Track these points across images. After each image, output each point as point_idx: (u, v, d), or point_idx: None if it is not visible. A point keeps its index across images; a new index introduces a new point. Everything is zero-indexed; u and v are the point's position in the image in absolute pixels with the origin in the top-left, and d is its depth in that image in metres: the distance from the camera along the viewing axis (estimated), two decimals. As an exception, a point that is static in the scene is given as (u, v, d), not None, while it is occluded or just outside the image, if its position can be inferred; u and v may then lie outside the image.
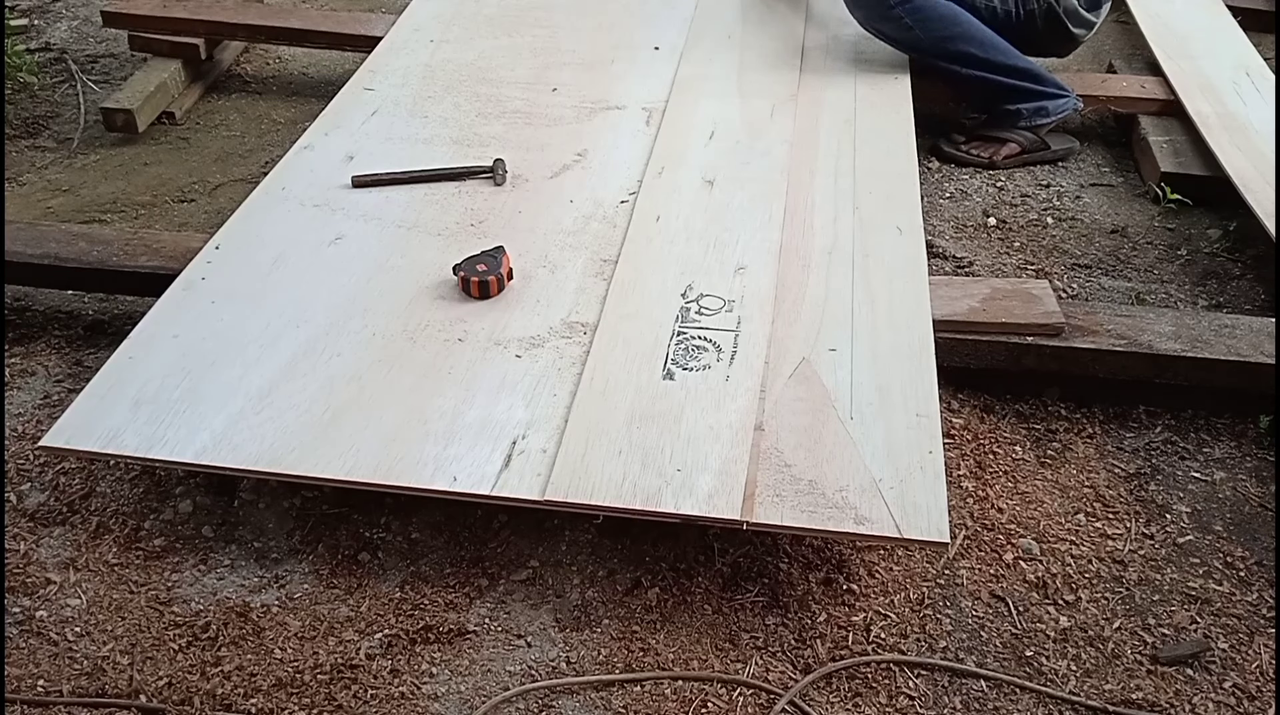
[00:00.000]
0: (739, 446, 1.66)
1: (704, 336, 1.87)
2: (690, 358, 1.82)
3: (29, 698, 1.54)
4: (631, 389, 1.76)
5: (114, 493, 1.85)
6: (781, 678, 1.59)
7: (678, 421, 1.71)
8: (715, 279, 2.01)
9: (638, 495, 1.59)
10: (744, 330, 1.88)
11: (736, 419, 1.71)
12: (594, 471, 1.63)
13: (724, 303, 1.94)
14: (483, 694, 1.56)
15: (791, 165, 2.36)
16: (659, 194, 2.25)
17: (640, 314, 1.92)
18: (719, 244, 2.10)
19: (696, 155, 2.38)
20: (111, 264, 2.16)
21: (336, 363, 1.83)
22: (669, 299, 1.95)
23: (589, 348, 1.85)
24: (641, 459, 1.64)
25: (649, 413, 1.72)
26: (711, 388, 1.77)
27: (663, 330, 1.88)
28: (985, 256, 2.51)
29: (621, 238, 2.12)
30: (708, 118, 2.53)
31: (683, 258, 2.06)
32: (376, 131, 2.46)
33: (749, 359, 1.82)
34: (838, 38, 2.89)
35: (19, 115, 3.06)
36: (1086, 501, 1.90)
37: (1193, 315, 2.14)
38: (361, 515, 1.80)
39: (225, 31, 3.16)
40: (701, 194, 2.25)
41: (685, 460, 1.64)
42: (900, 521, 1.57)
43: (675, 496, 1.59)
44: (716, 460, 1.64)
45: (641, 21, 2.99)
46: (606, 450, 1.66)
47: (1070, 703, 1.58)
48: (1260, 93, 2.87)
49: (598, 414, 1.72)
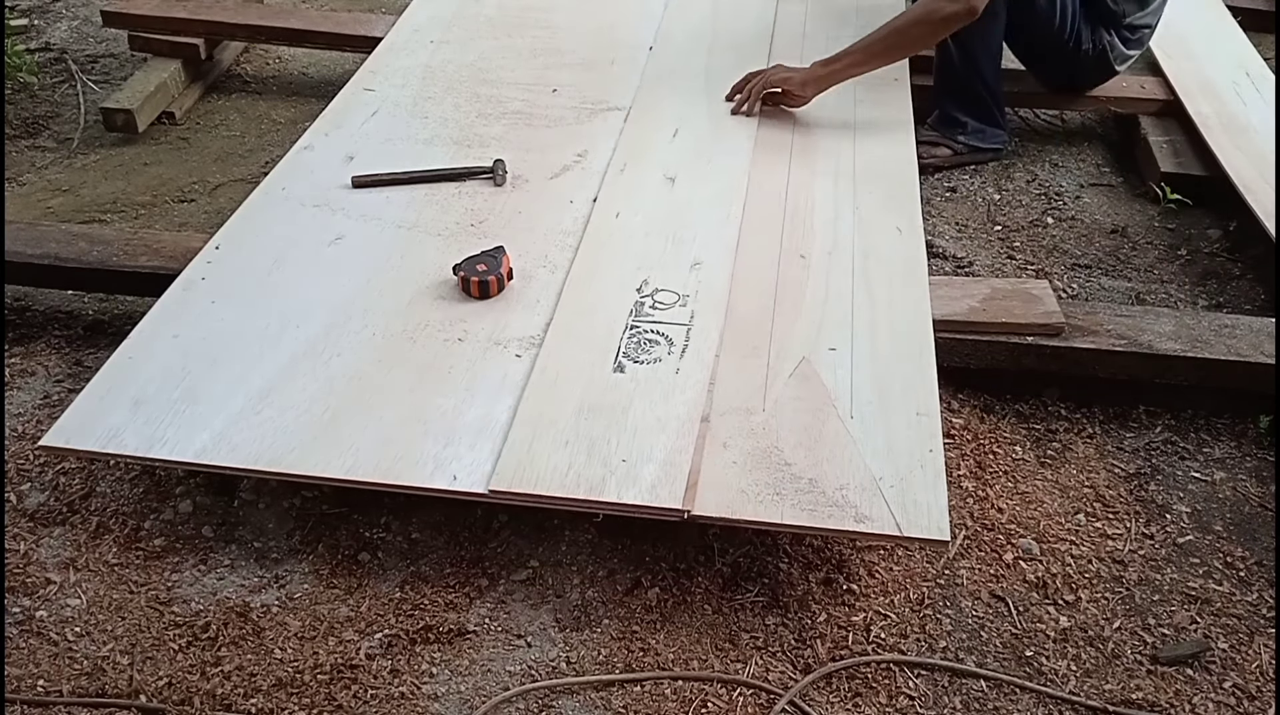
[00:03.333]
0: (684, 437, 1.68)
1: (657, 330, 1.88)
2: (641, 351, 1.84)
3: (29, 698, 1.54)
4: (582, 381, 1.78)
5: (114, 493, 1.85)
6: (781, 678, 1.59)
7: (626, 413, 1.72)
8: (671, 274, 2.02)
9: (581, 485, 1.61)
10: (696, 324, 1.90)
11: (684, 411, 1.72)
12: (539, 462, 1.64)
13: (678, 297, 1.96)
14: (483, 694, 1.56)
15: (791, 165, 2.36)
16: (620, 191, 2.26)
17: (595, 308, 1.93)
18: (677, 240, 2.12)
19: (660, 153, 2.39)
20: (111, 264, 2.16)
21: (336, 363, 1.83)
22: (624, 293, 1.97)
23: (542, 342, 1.86)
24: (588, 449, 1.66)
25: (598, 404, 1.73)
26: (661, 380, 1.78)
27: (616, 324, 1.90)
28: (985, 256, 2.51)
29: (580, 234, 2.13)
30: (673, 115, 2.54)
31: (640, 253, 2.08)
32: (376, 132, 2.46)
33: (700, 352, 1.84)
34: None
35: (19, 115, 3.06)
36: (1086, 501, 1.90)
37: (1193, 315, 2.14)
38: (361, 515, 1.80)
39: (225, 31, 3.16)
40: (662, 191, 2.27)
41: (631, 451, 1.65)
42: (900, 520, 1.57)
43: (619, 486, 1.60)
44: (662, 451, 1.65)
45: (641, 20, 2.99)
46: (553, 441, 1.67)
47: (1070, 703, 1.58)
48: (1260, 93, 2.87)
49: (546, 405, 1.73)
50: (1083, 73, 2.84)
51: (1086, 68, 2.82)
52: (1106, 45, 2.76)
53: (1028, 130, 3.04)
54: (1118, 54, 2.79)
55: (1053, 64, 2.85)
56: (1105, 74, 2.86)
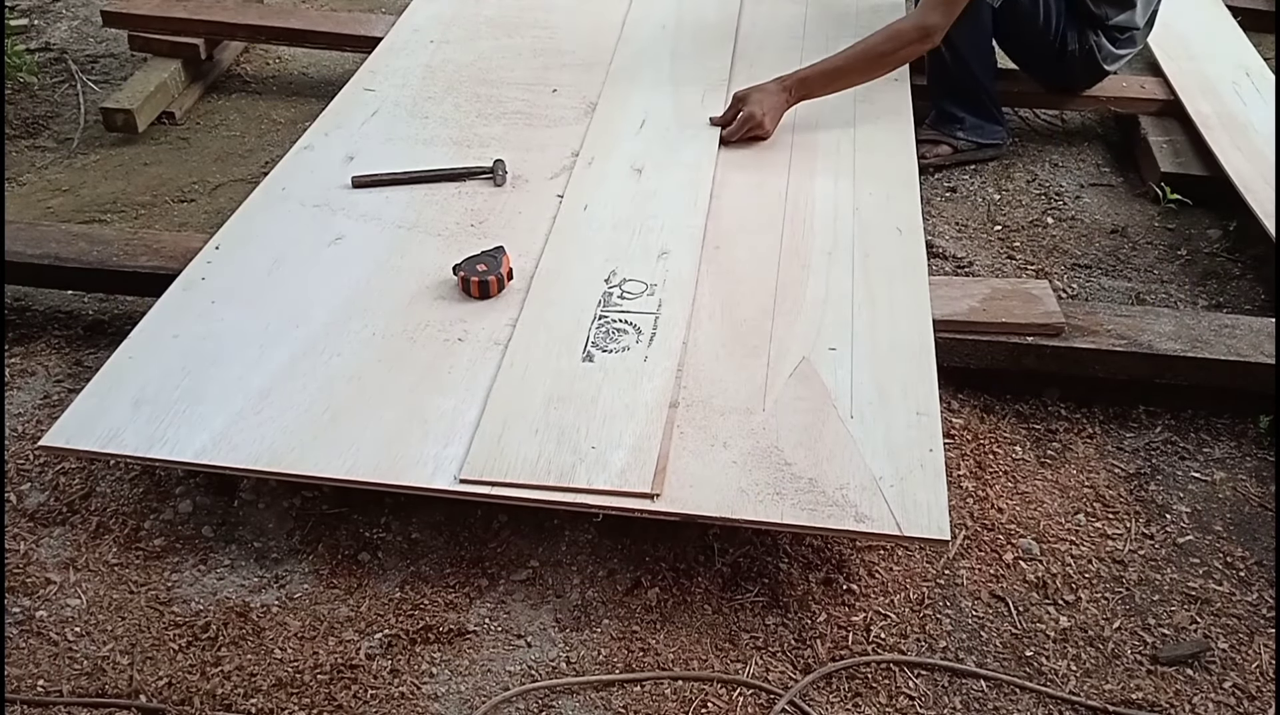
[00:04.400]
0: (653, 423, 1.69)
1: (625, 319, 1.89)
2: (610, 340, 1.85)
3: (29, 698, 1.54)
4: (551, 372, 1.79)
5: (114, 493, 1.85)
6: (781, 678, 1.59)
7: (595, 401, 1.73)
8: (638, 264, 2.03)
9: (551, 473, 1.62)
10: (664, 313, 1.91)
11: (652, 397, 1.73)
12: (509, 452, 1.64)
13: (646, 287, 1.98)
14: (483, 694, 1.56)
15: (791, 165, 2.36)
16: (587, 184, 2.27)
17: (563, 300, 1.95)
18: (644, 230, 2.13)
19: (627, 144, 2.40)
20: (111, 264, 2.16)
21: (336, 362, 1.83)
22: (593, 285, 1.98)
23: (511, 335, 1.87)
24: (557, 437, 1.67)
25: (567, 394, 1.75)
26: (629, 368, 1.79)
27: (585, 314, 1.91)
28: (985, 256, 2.51)
29: (548, 228, 2.14)
30: (640, 107, 2.55)
31: (608, 244, 2.09)
32: (377, 132, 2.46)
33: (667, 340, 1.85)
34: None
35: (19, 115, 3.06)
36: (1086, 501, 1.90)
37: (1193, 315, 2.14)
38: (361, 515, 1.80)
39: (225, 31, 3.16)
40: (629, 182, 2.28)
41: (600, 438, 1.66)
42: (901, 519, 1.57)
43: (589, 472, 1.61)
44: (631, 437, 1.67)
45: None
46: (523, 430, 1.68)
47: (1070, 703, 1.58)
48: (1260, 93, 2.87)
49: (515, 396, 1.74)
50: (1072, 73, 2.84)
51: (1075, 68, 2.81)
52: (1094, 46, 2.76)
53: (1027, 130, 3.04)
54: (1106, 54, 2.78)
55: (1043, 65, 2.85)
56: (1095, 74, 2.85)
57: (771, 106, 2.42)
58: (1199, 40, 3.12)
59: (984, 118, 2.83)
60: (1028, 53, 2.85)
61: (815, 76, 2.46)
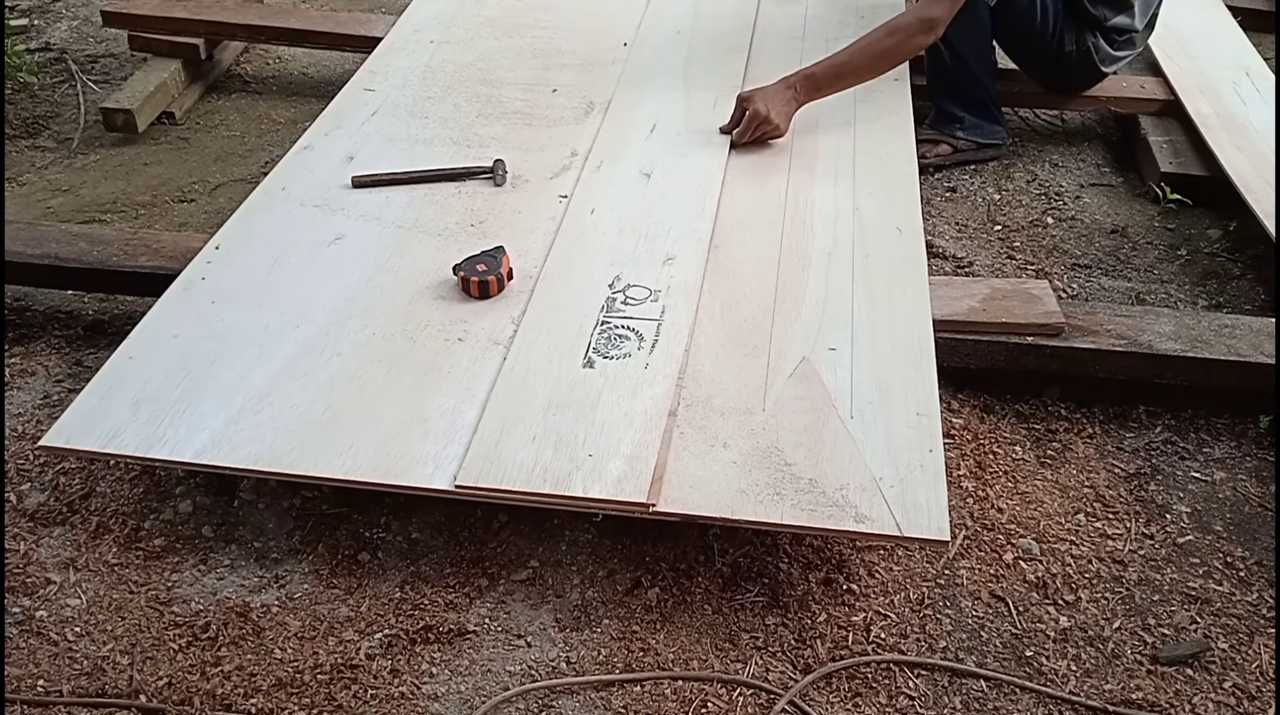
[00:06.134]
0: (651, 432, 1.68)
1: (628, 326, 1.89)
2: (612, 346, 1.84)
3: (29, 698, 1.54)
4: (551, 377, 1.78)
5: (114, 493, 1.85)
6: (781, 678, 1.59)
7: (594, 408, 1.72)
8: (644, 270, 2.03)
9: (547, 480, 1.61)
10: (667, 319, 1.90)
11: (652, 405, 1.73)
12: (506, 457, 1.64)
13: (650, 293, 1.97)
14: (483, 694, 1.56)
15: (791, 165, 2.36)
16: (595, 187, 2.27)
17: (567, 305, 1.94)
18: (650, 235, 2.12)
19: (637, 149, 2.40)
20: (111, 264, 2.16)
21: (336, 363, 1.83)
22: (596, 290, 1.97)
23: (513, 339, 1.86)
24: (555, 444, 1.66)
25: (566, 400, 1.74)
26: (630, 375, 1.78)
27: (587, 320, 1.90)
28: (985, 256, 2.51)
29: (548, 228, 2.14)
30: (651, 111, 2.54)
31: (614, 249, 2.08)
32: (377, 132, 2.46)
33: (670, 347, 1.84)
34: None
35: (19, 115, 3.06)
36: (1086, 501, 1.90)
37: (1193, 315, 2.14)
38: (361, 515, 1.80)
39: (225, 31, 3.16)
40: (637, 187, 2.27)
41: (598, 446, 1.66)
42: (901, 520, 1.57)
43: (585, 481, 1.60)
44: (628, 445, 1.66)
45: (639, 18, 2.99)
46: (521, 436, 1.67)
47: (1070, 703, 1.58)
48: (1260, 93, 2.87)
49: (515, 402, 1.73)
50: (1070, 73, 2.84)
51: (1073, 68, 2.81)
52: (1091, 47, 2.76)
53: (1027, 130, 3.04)
54: (1103, 55, 2.78)
55: (1041, 65, 2.85)
56: (1093, 75, 2.85)
57: (778, 104, 2.41)
58: (1199, 40, 3.12)
59: (984, 117, 2.83)
60: (1025, 52, 2.85)
61: (820, 73, 2.45)
